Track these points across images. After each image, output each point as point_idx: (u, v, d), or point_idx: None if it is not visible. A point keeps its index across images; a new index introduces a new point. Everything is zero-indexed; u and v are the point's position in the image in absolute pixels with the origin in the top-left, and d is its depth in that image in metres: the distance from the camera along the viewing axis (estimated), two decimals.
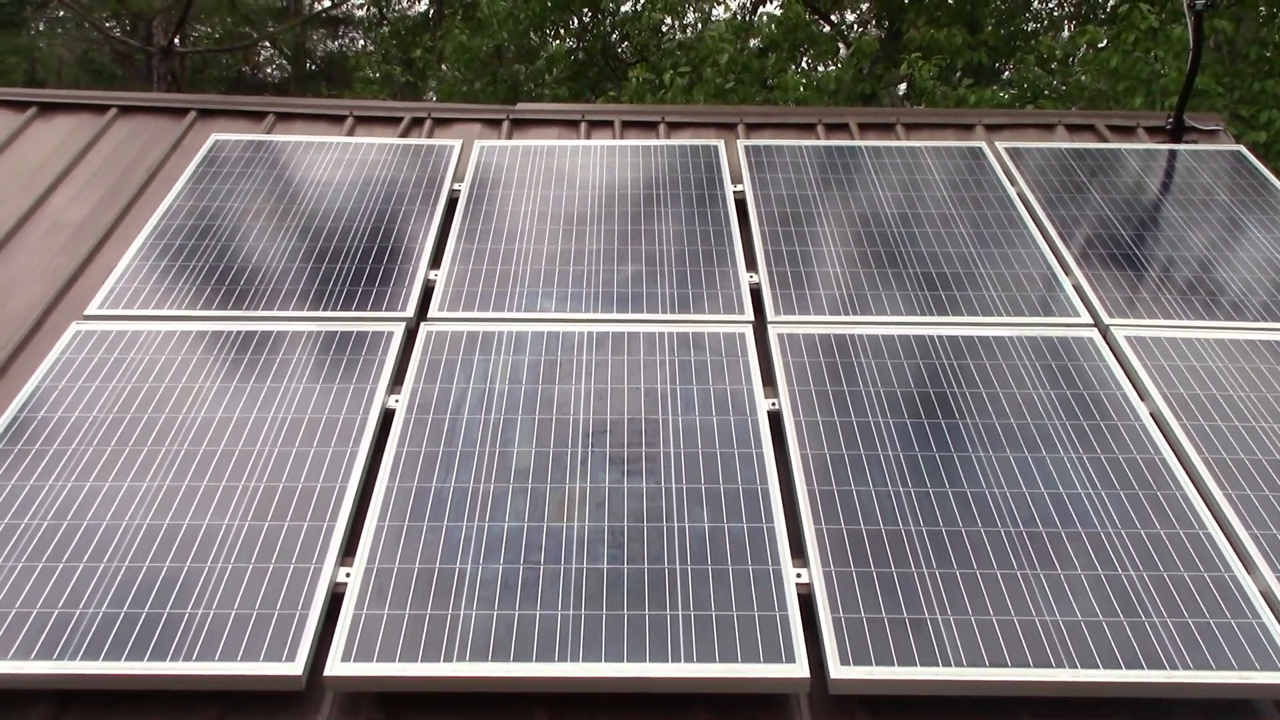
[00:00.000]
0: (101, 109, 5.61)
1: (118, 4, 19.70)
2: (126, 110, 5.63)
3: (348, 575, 2.98)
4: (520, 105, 5.82)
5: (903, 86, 13.60)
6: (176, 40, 19.23)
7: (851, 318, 4.01)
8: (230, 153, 5.05)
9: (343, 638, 2.77)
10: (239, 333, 3.89)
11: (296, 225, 4.51)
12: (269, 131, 5.50)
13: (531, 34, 17.46)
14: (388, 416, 3.60)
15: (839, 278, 4.23)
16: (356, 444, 3.42)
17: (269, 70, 26.15)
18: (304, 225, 4.51)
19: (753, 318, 4.01)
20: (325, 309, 4.01)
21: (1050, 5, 17.67)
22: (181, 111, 5.64)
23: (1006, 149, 5.18)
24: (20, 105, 5.60)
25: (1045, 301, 4.12)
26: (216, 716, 2.73)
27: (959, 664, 2.73)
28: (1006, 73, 15.69)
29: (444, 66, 19.69)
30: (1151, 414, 3.61)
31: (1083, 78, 12.84)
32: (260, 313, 3.99)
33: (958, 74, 13.89)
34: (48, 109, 5.61)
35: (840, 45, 16.03)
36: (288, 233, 4.46)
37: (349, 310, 4.01)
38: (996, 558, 3.04)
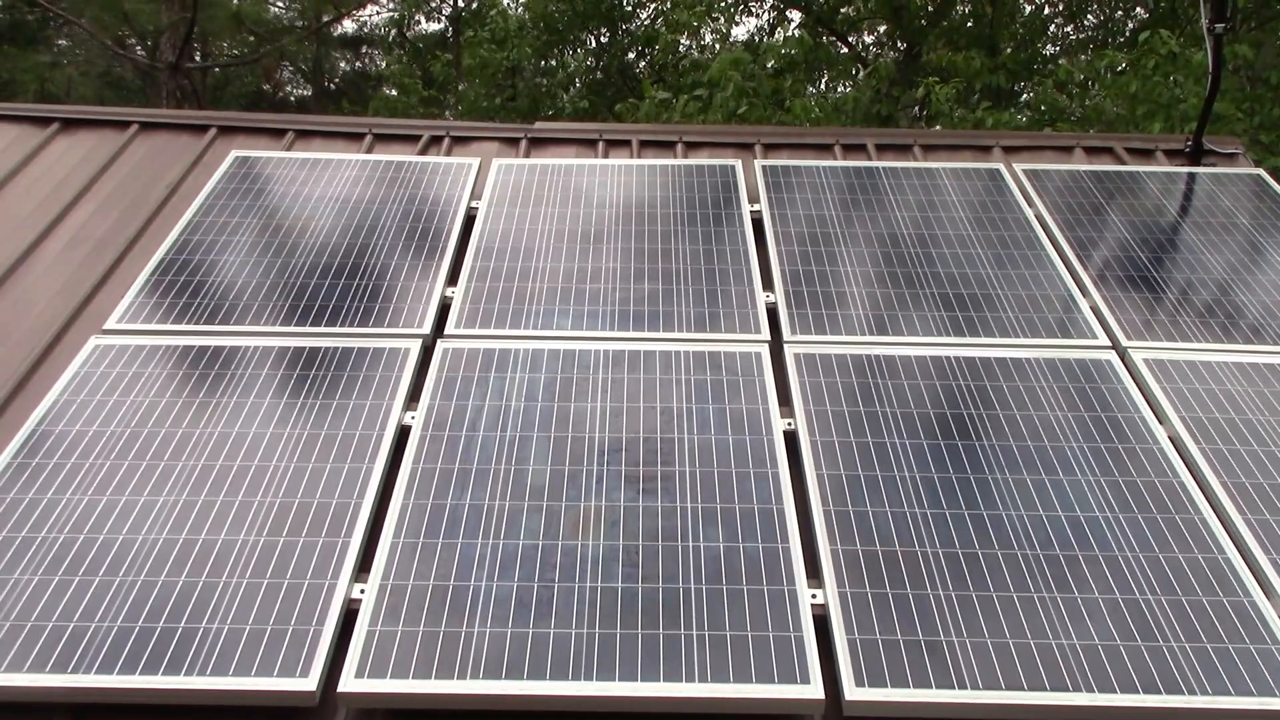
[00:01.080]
0: (123, 125, 5.64)
1: (124, 21, 19.82)
2: (147, 127, 5.67)
3: (362, 591, 2.99)
4: (538, 124, 5.84)
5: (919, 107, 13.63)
6: (197, 56, 19.34)
7: (868, 338, 4.01)
8: (250, 169, 5.08)
9: (357, 654, 2.77)
10: (256, 348, 3.90)
11: (314, 241, 4.53)
12: (289, 149, 5.53)
13: (546, 57, 17.53)
14: (403, 433, 3.60)
15: (856, 298, 4.22)
16: (372, 460, 3.42)
17: (289, 88, 26.36)
18: (322, 242, 4.53)
19: (769, 337, 4.00)
20: (342, 325, 4.02)
21: (1068, 29, 17.68)
22: (202, 128, 5.68)
23: (1025, 171, 5.17)
24: (43, 121, 5.65)
25: (1063, 323, 4.10)
26: None
27: (975, 687, 2.72)
28: (1025, 96, 15.68)
29: (462, 85, 19.79)
30: (1170, 437, 3.59)
31: (1102, 101, 12.80)
32: (277, 328, 4.00)
33: (976, 96, 13.88)
34: (70, 125, 5.66)
35: (859, 67, 16.05)
36: (305, 249, 4.48)
37: (366, 326, 4.02)
38: (1013, 580, 3.02)
